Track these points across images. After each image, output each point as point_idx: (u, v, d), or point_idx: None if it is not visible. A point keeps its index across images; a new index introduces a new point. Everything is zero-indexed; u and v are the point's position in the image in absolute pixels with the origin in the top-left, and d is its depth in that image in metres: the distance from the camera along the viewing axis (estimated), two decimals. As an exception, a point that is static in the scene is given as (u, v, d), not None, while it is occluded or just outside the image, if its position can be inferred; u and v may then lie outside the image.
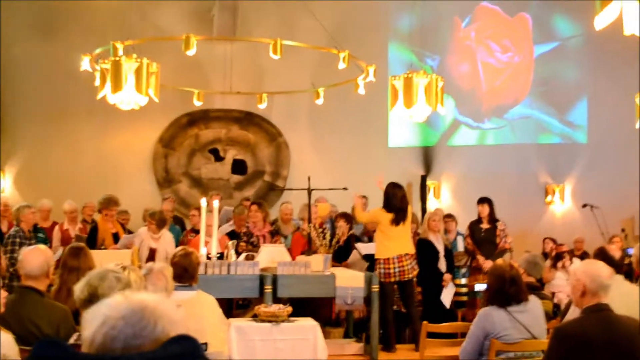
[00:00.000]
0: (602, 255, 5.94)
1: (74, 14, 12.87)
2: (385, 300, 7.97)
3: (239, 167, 13.62)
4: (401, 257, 8.10)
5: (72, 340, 3.72)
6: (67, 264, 5.16)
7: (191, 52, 8.14)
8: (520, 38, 14.19)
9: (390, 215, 8.17)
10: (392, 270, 8.06)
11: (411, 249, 8.31)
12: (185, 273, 5.26)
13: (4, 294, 3.93)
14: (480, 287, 8.81)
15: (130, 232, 9.43)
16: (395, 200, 8.23)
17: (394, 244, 8.13)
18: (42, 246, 4.99)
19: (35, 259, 4.58)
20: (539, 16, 14.08)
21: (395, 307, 8.57)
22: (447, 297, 8.91)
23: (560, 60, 14.06)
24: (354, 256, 9.13)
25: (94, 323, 1.85)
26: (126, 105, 7.78)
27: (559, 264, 9.91)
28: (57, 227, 10.01)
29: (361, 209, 8.70)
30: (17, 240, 7.95)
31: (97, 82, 8.00)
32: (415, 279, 8.55)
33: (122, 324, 1.83)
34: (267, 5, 13.40)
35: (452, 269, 9.15)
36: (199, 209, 8.81)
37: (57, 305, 4.54)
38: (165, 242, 8.86)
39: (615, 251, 6.33)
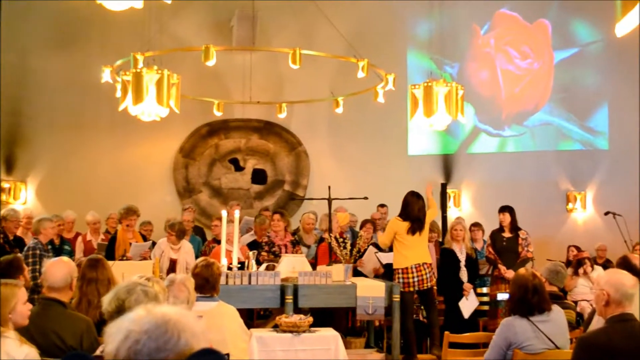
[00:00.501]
0: (624, 264, 5.88)
1: (93, 25, 12.96)
2: (405, 309, 7.95)
3: (259, 176, 13.64)
4: (419, 267, 8.07)
5: (98, 352, 3.74)
6: (85, 275, 5.17)
7: (211, 62, 8.16)
8: (539, 44, 14.12)
9: (406, 224, 8.14)
10: (410, 280, 8.04)
11: (428, 258, 8.26)
12: (206, 284, 5.28)
13: (29, 306, 3.95)
14: (502, 296, 8.75)
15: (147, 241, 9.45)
16: (412, 209, 8.20)
17: (411, 253, 8.09)
18: (65, 258, 5.03)
19: (59, 271, 4.61)
20: (558, 22, 14.01)
21: (414, 316, 8.54)
22: (466, 307, 8.84)
23: (580, 66, 13.97)
24: (369, 253, 9.13)
25: (117, 337, 1.86)
26: (147, 116, 7.82)
27: (580, 271, 9.83)
28: (79, 238, 10.09)
29: (381, 233, 8.66)
30: (37, 252, 7.96)
31: (119, 94, 8.04)
32: (435, 288, 8.52)
33: (145, 338, 1.83)
34: (286, 15, 13.44)
35: (474, 278, 9.10)
36: (220, 219, 8.82)
37: (80, 316, 4.56)
38: (185, 252, 8.88)
39: (638, 259, 6.25)
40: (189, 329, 1.89)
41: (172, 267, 8.59)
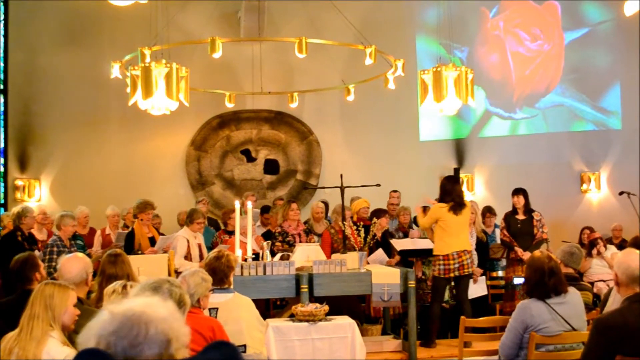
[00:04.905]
0: (636, 245, 5.85)
1: (101, 22, 12.99)
2: (435, 295, 8.00)
3: (271, 167, 13.65)
4: (460, 253, 8.05)
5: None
6: (105, 271, 5.14)
7: (217, 54, 8.18)
8: (549, 25, 14.02)
9: (447, 206, 8.11)
10: (452, 266, 8.02)
11: (469, 246, 8.22)
12: (213, 275, 5.23)
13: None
14: (519, 280, 8.73)
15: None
16: (451, 189, 8.19)
17: (453, 240, 8.06)
18: (80, 254, 5.04)
19: (74, 266, 4.63)
20: (567, 2, 13.91)
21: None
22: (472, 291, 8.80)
23: (591, 46, 13.87)
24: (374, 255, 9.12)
25: (88, 345, 1.87)
26: (157, 110, 7.83)
27: (594, 251, 9.80)
28: (98, 232, 10.14)
29: (422, 216, 8.60)
30: (55, 249, 8.00)
31: (129, 89, 8.06)
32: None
33: (114, 339, 1.85)
34: (294, 5, 13.41)
35: (484, 262, 9.08)
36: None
37: (97, 312, 4.57)
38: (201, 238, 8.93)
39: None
40: (155, 317, 1.90)
41: (201, 251, 8.56)
